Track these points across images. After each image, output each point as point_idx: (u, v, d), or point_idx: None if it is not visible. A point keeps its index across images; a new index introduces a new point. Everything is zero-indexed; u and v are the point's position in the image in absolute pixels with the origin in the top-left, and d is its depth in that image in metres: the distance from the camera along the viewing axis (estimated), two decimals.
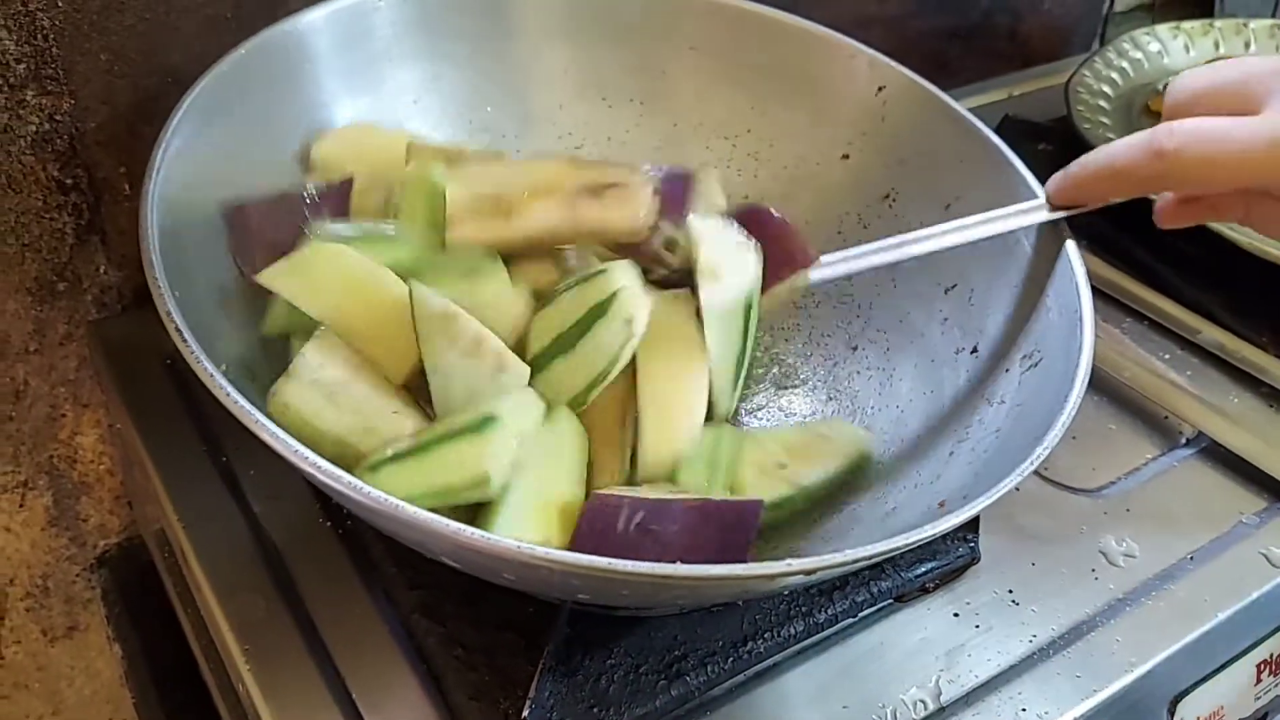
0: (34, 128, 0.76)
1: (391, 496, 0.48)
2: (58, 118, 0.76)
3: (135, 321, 0.87)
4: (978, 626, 0.71)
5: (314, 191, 0.70)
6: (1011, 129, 1.13)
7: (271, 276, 0.64)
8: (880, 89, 0.83)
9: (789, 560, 0.49)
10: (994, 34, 1.36)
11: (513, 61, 0.85)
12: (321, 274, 0.64)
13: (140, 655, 0.97)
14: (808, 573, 0.49)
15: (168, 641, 0.91)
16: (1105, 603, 0.73)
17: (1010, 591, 0.73)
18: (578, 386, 0.64)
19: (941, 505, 0.62)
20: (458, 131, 0.84)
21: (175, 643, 0.83)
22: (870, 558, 0.51)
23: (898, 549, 0.51)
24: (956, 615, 0.71)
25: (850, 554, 0.50)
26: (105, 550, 1.00)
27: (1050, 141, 1.12)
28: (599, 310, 0.63)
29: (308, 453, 0.50)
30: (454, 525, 0.47)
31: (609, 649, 0.64)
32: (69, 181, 0.79)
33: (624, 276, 0.64)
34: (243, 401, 0.51)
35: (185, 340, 0.53)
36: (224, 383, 0.52)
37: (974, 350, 0.74)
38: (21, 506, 0.93)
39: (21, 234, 0.80)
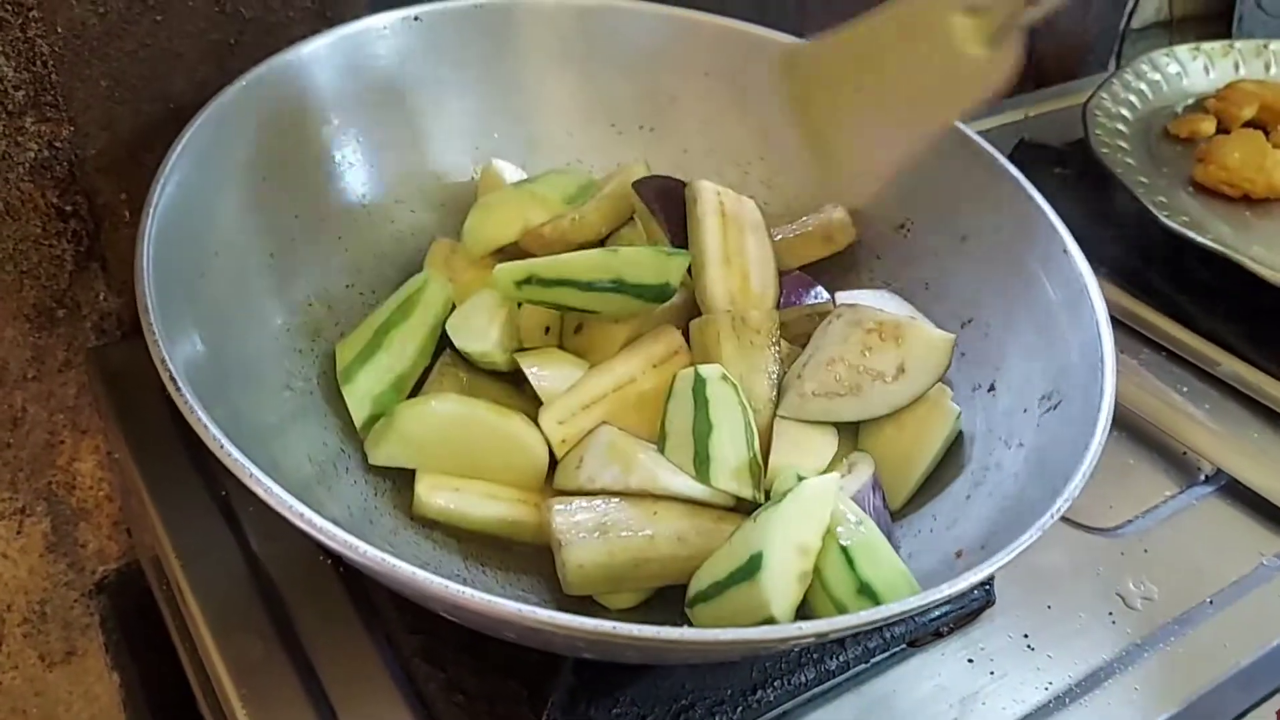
0: (33, 154, 0.75)
1: (386, 555, 0.46)
2: (57, 144, 0.75)
3: (135, 349, 0.84)
4: (993, 673, 0.69)
5: None
6: (1027, 153, 1.11)
7: (381, 455, 0.66)
8: None
9: (800, 624, 0.47)
10: None
11: (520, 87, 0.84)
12: (421, 434, 0.65)
13: (138, 685, 0.96)
14: (820, 636, 0.48)
15: (166, 671, 0.89)
16: (1123, 648, 0.72)
17: (1025, 636, 0.71)
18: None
19: (959, 555, 0.61)
20: (463, 159, 0.82)
21: (174, 672, 0.82)
22: (885, 620, 0.49)
23: (913, 610, 0.50)
24: (971, 661, 0.70)
25: (865, 616, 0.48)
26: (104, 576, 0.99)
27: (1067, 165, 1.11)
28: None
29: (303, 508, 0.48)
30: (454, 587, 0.46)
31: (615, 698, 0.63)
32: (68, 208, 0.78)
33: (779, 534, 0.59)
34: (236, 454, 0.50)
35: (180, 389, 0.52)
36: (218, 434, 0.50)
37: (991, 388, 0.72)
38: (19, 533, 0.92)
39: (20, 261, 0.78)
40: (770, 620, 0.56)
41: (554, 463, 0.68)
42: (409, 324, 0.71)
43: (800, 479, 0.61)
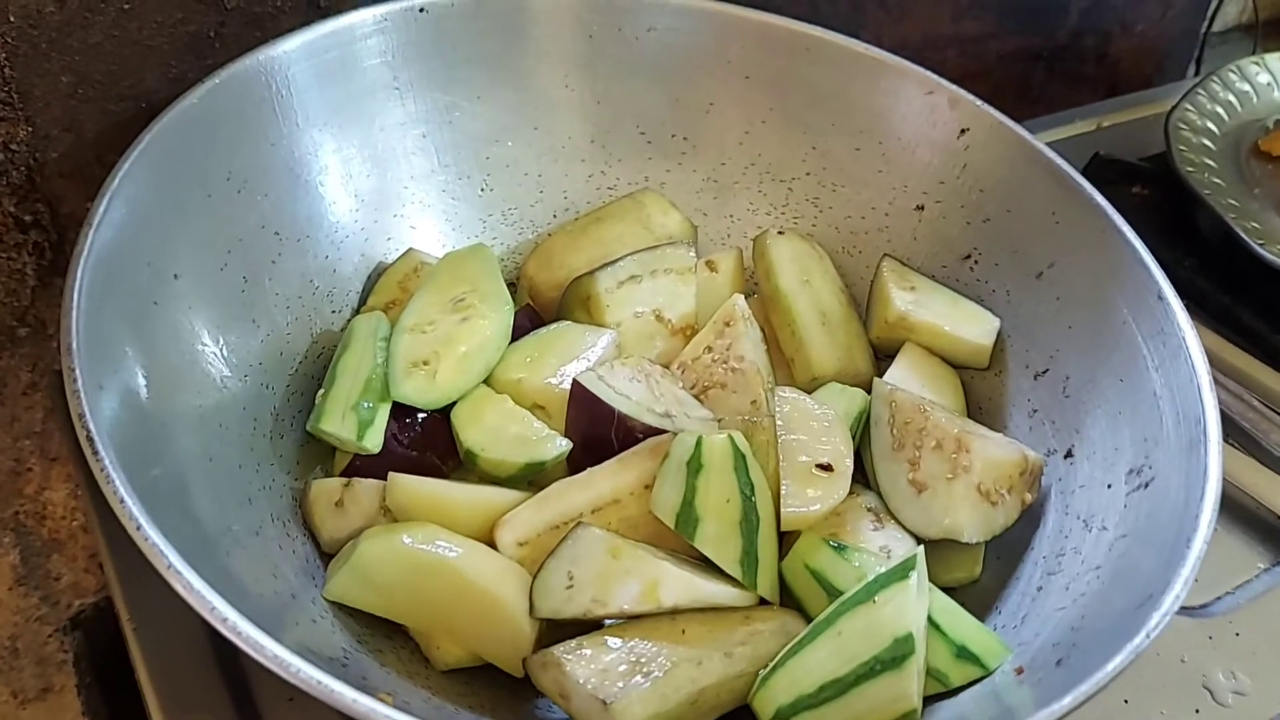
0: None
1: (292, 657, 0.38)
2: (13, 147, 0.67)
3: None
4: None
5: None
6: (1102, 169, 1.01)
7: (339, 590, 0.55)
8: (963, 132, 0.72)
9: None
10: (1081, 57, 1.24)
11: (537, 89, 0.75)
12: (386, 576, 0.54)
13: None
14: None
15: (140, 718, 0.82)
16: None
17: None
18: None
19: (1019, 672, 0.51)
20: (471, 169, 0.74)
21: None
22: None
23: None
24: None
25: None
26: (80, 611, 0.91)
27: (1146, 184, 1.00)
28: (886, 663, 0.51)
29: (227, 611, 0.40)
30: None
31: None
32: (28, 218, 0.70)
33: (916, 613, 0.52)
34: (153, 535, 0.41)
35: (97, 452, 0.43)
36: (135, 512, 0.42)
37: (1068, 455, 0.63)
38: None
39: None
40: (911, 715, 0.50)
41: None
42: (350, 351, 0.63)
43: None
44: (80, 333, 0.48)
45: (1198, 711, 0.64)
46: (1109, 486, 0.58)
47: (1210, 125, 1.05)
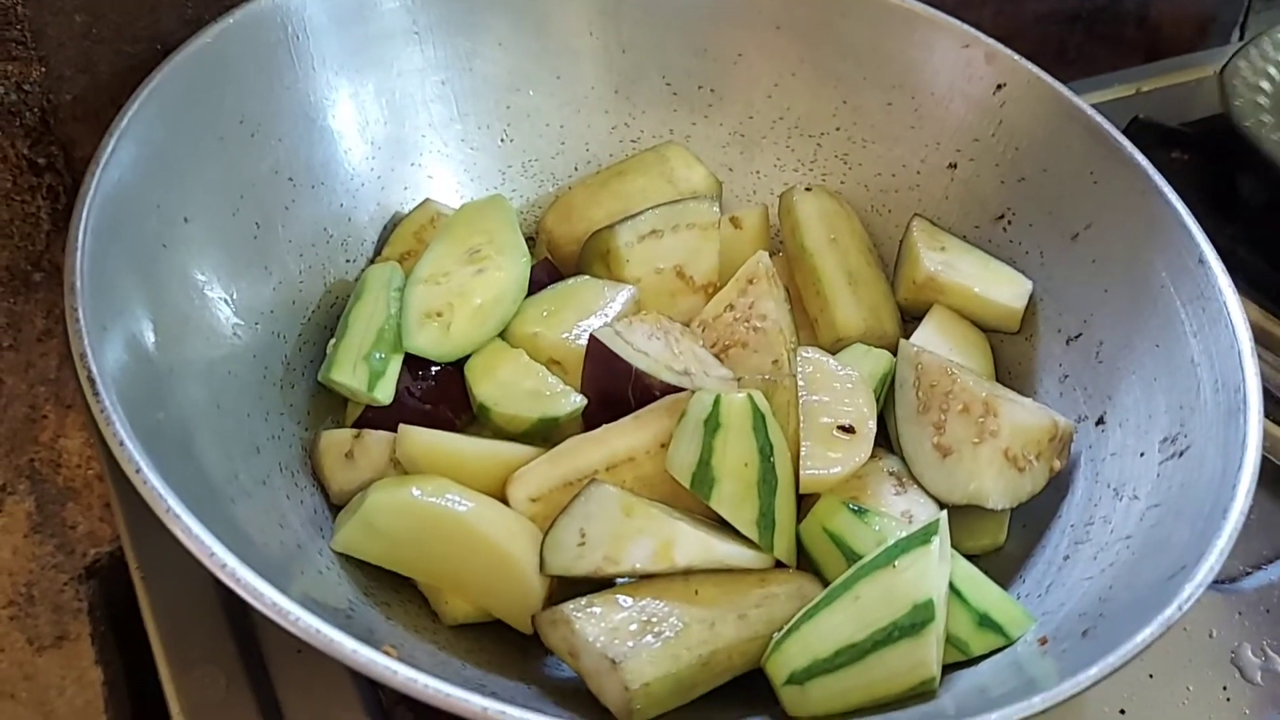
0: None
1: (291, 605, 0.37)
2: (26, 87, 0.66)
3: None
4: None
5: None
6: (1141, 134, 0.98)
7: (346, 542, 0.54)
8: (999, 87, 0.70)
9: None
10: (1121, 19, 1.21)
11: (561, 37, 0.73)
12: (395, 529, 0.53)
13: (122, 682, 0.88)
14: None
15: (152, 669, 0.82)
16: None
17: (1123, 713, 0.61)
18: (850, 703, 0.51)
19: (1043, 642, 0.50)
20: (491, 118, 0.72)
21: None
22: None
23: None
24: None
25: None
26: (96, 559, 0.91)
27: (1186, 149, 0.97)
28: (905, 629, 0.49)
29: (225, 557, 0.39)
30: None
31: None
32: (42, 161, 0.69)
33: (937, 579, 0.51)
34: (152, 479, 0.40)
35: (97, 393, 0.42)
36: (134, 454, 0.41)
37: (1100, 421, 0.61)
38: None
39: None
40: (929, 683, 0.49)
41: None
42: (363, 301, 0.62)
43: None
44: (85, 272, 0.47)
45: (1225, 689, 0.63)
46: (1142, 455, 0.57)
47: (1264, 84, 1.01)
